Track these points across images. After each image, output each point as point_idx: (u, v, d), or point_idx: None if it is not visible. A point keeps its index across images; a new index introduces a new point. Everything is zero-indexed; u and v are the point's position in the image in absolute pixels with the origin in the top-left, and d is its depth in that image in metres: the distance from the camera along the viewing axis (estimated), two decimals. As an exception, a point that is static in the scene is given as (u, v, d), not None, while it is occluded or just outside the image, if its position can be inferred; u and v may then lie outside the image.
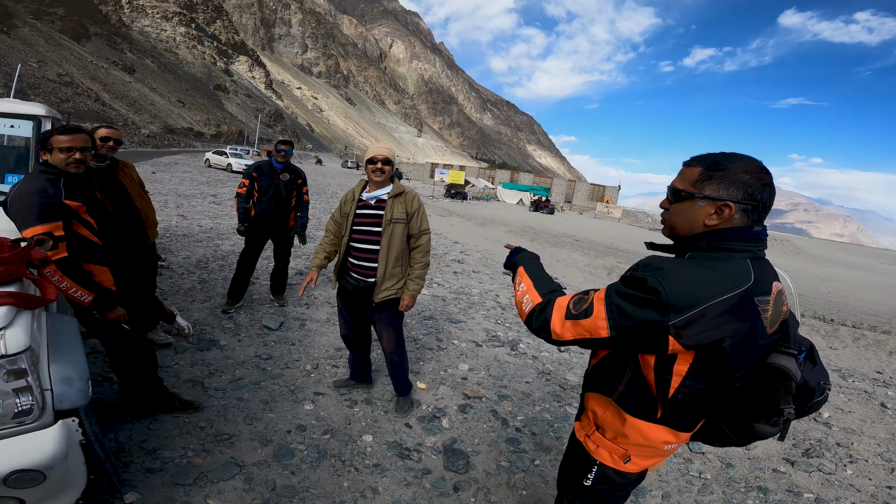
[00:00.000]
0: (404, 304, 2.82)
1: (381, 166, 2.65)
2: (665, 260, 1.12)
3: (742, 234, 1.14)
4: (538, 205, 38.55)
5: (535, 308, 1.25)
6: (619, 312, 1.09)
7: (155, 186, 13.50)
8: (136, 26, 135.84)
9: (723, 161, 1.13)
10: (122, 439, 2.44)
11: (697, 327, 1.04)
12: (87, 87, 64.82)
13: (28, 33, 71.41)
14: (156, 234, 3.51)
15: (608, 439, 1.32)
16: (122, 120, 60.56)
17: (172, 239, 7.09)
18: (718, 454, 3.18)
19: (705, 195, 1.14)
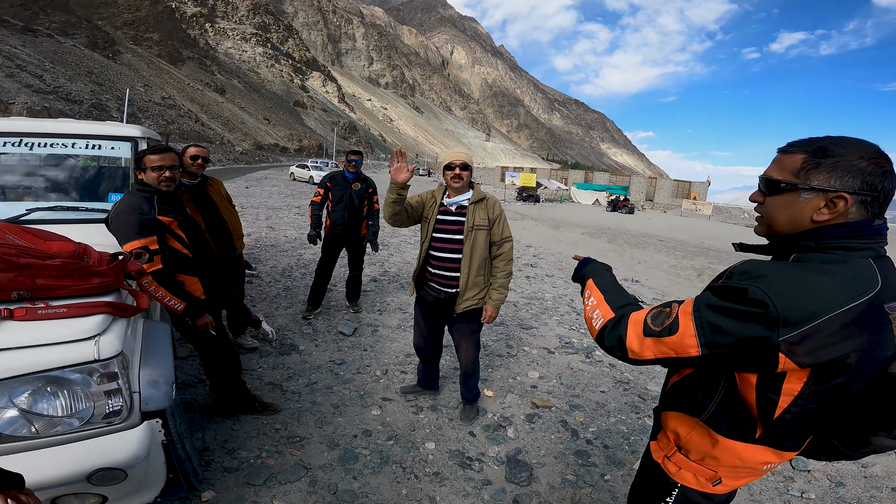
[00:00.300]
0: (487, 316, 2.73)
1: (459, 172, 2.58)
2: (766, 265, 0.97)
3: (861, 230, 0.97)
4: (616, 204, 36.84)
5: (607, 324, 1.13)
6: (713, 329, 0.95)
7: (248, 200, 14.71)
8: (221, 48, 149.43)
9: (831, 146, 0.97)
10: (208, 439, 2.64)
11: (815, 343, 0.89)
12: (188, 108, 72.27)
13: (132, 59, 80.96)
14: (243, 246, 3.76)
15: (693, 461, 1.17)
16: (218, 139, 66.74)
17: (262, 249, 7.65)
18: (827, 472, 2.81)
19: (812, 186, 0.97)
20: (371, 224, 4.79)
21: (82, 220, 2.47)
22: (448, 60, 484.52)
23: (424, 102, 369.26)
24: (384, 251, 8.62)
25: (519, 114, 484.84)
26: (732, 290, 0.95)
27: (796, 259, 1.00)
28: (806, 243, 1.00)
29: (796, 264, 0.97)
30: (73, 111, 42.08)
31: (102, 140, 2.74)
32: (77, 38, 70.41)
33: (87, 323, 1.56)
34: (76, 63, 58.44)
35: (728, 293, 0.96)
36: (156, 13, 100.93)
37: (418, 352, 3.17)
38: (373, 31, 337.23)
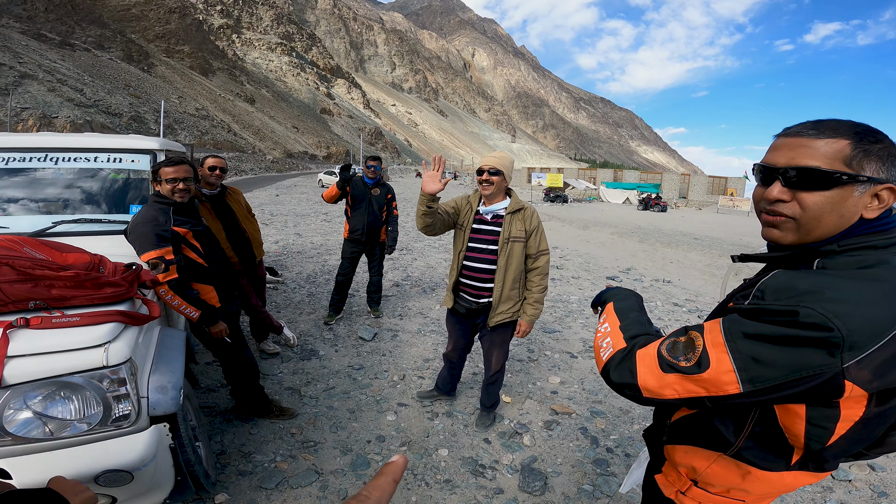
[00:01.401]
0: (522, 331, 2.65)
1: (488, 177, 2.44)
2: (808, 278, 0.81)
3: (887, 224, 0.86)
4: (647, 203, 35.94)
5: (615, 356, 0.97)
6: (756, 361, 0.79)
7: (278, 208, 15.08)
8: (249, 59, 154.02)
9: (872, 130, 0.84)
10: (226, 442, 2.70)
11: (886, 365, 0.75)
12: (221, 119, 74.71)
13: (165, 71, 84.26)
14: (262, 253, 3.84)
15: (716, 494, 1.02)
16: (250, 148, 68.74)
17: (289, 256, 7.81)
18: (870, 482, 2.64)
19: (870, 177, 0.83)
20: (390, 230, 4.81)
21: (104, 232, 2.56)
22: (470, 63, 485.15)
23: (448, 106, 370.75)
24: (408, 255, 8.64)
25: (544, 114, 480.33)
26: (775, 312, 0.79)
27: (824, 267, 0.85)
28: (829, 247, 0.86)
29: (835, 272, 0.82)
30: (114, 124, 44.09)
31: (123, 153, 2.84)
32: (113, 52, 73.61)
33: (98, 331, 1.62)
34: (114, 76, 61.15)
35: (770, 317, 0.79)
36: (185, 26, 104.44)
37: (446, 359, 3.13)
38: (394, 37, 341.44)
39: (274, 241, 9.19)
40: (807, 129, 0.87)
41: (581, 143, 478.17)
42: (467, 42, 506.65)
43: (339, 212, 15.20)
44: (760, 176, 0.94)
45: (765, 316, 0.80)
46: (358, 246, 4.69)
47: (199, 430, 2.25)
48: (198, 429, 2.24)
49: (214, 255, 2.64)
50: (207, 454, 2.25)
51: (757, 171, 0.95)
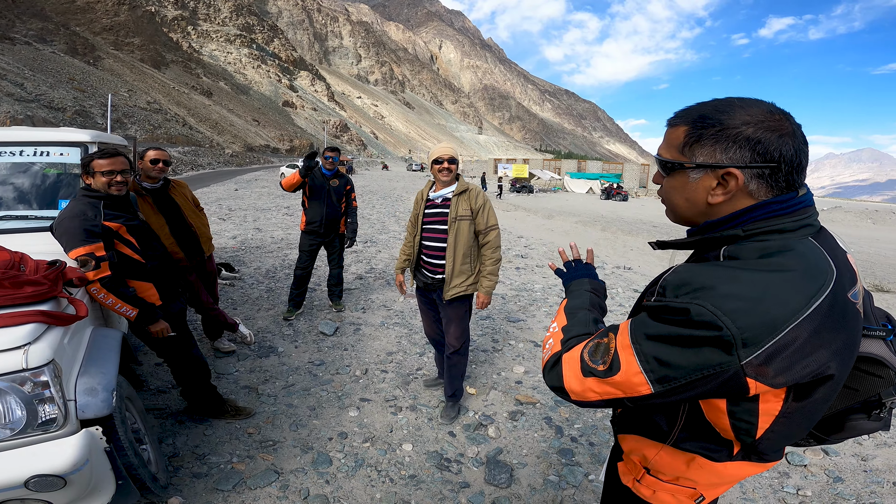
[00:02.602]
0: (480, 302, 2.85)
1: (448, 165, 2.70)
2: (703, 272, 0.79)
3: (790, 206, 0.82)
4: (609, 192, 36.84)
5: (550, 360, 0.97)
6: (660, 363, 0.78)
7: (237, 203, 14.57)
8: (206, 51, 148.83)
9: (713, 113, 0.82)
10: (178, 444, 2.59)
11: (786, 359, 0.73)
12: (175, 112, 71.72)
13: (113, 64, 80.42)
14: (211, 248, 3.68)
15: (667, 482, 1.02)
16: (208, 142, 66.26)
17: (247, 251, 7.53)
18: (825, 466, 2.72)
19: (698, 163, 0.83)
20: (350, 221, 4.73)
21: (29, 229, 2.39)
22: (437, 55, 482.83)
23: (415, 98, 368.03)
24: (372, 247, 8.51)
25: (510, 106, 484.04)
26: (670, 310, 0.78)
27: (730, 255, 0.82)
28: (732, 232, 0.83)
29: (734, 263, 0.80)
30: (58, 119, 41.62)
31: (51, 147, 2.64)
32: (56, 45, 69.82)
33: (17, 332, 1.53)
34: (56, 70, 57.81)
35: (666, 315, 0.79)
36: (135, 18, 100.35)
37: (431, 340, 3.27)
38: (359, 29, 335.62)
39: (231, 236, 8.85)
40: (673, 117, 0.90)
41: (546, 134, 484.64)
42: (435, 34, 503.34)
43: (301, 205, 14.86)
44: None
45: (664, 314, 0.79)
46: (316, 238, 4.57)
47: (146, 433, 2.16)
48: (143, 431, 2.15)
49: (154, 250, 2.49)
50: (156, 457, 2.16)
51: None
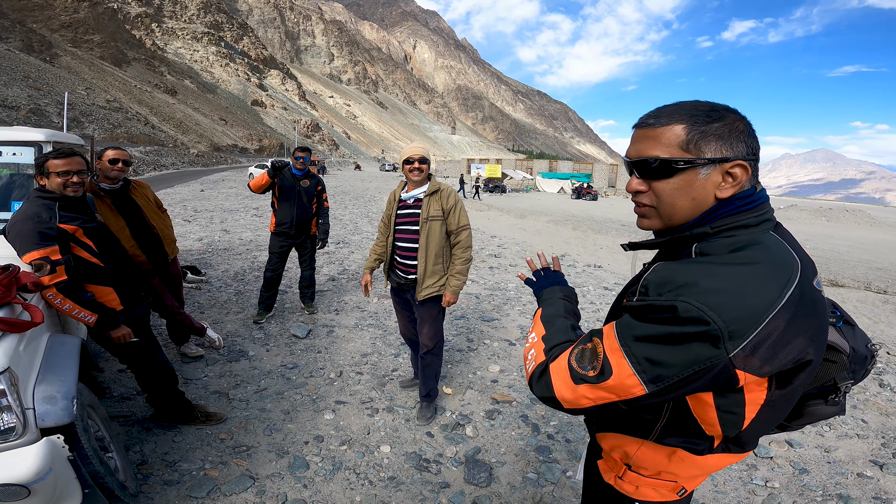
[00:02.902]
0: (446, 301, 2.83)
1: (419, 165, 2.70)
2: (683, 269, 0.81)
3: (753, 201, 0.87)
4: (580, 192, 37.50)
5: (536, 370, 0.97)
6: (651, 363, 0.79)
7: (203, 204, 14.12)
8: (170, 49, 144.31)
9: (709, 111, 0.86)
10: (147, 451, 2.50)
11: (770, 349, 0.76)
12: (136, 111, 69.12)
13: (71, 61, 77.06)
14: (175, 251, 3.56)
15: (648, 476, 1.03)
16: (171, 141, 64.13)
17: (214, 253, 7.31)
18: (790, 458, 2.80)
19: (709, 158, 0.84)
20: (321, 222, 4.66)
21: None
22: (411, 55, 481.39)
23: (388, 98, 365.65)
24: (344, 248, 8.40)
25: (483, 106, 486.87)
26: (656, 309, 0.79)
27: (701, 251, 0.86)
28: (701, 229, 0.87)
29: (708, 259, 0.83)
30: (11, 117, 39.55)
31: (3, 146, 2.52)
32: (10, 42, 66.68)
33: None
34: (11, 68, 54.96)
35: (653, 315, 0.80)
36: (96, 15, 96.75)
37: (406, 340, 3.26)
38: (332, 28, 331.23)
39: (197, 238, 8.57)
40: (650, 119, 0.89)
41: (519, 134, 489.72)
42: (409, 34, 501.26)
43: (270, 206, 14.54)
44: (627, 168, 0.96)
45: (650, 314, 0.80)
46: (286, 239, 4.48)
47: (111, 441, 2.10)
48: (108, 439, 2.08)
49: (113, 253, 2.39)
50: (124, 465, 2.10)
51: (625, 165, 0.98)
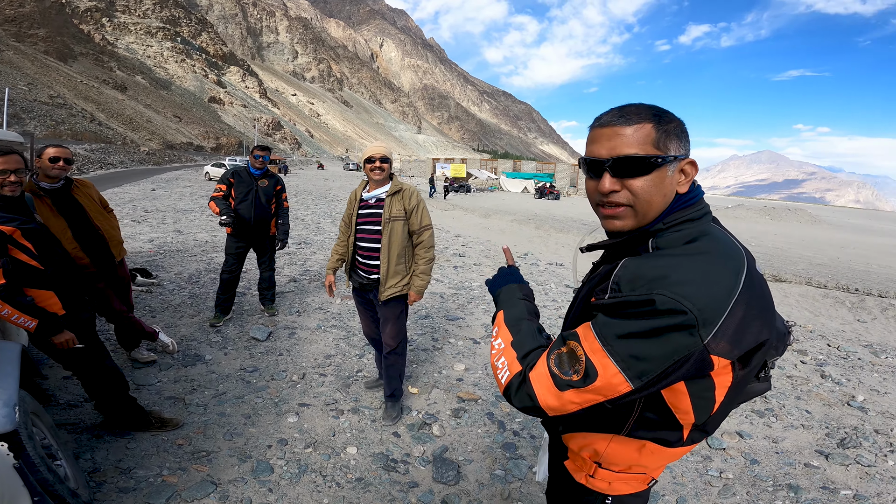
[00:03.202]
0: (411, 300, 2.85)
1: (380, 164, 2.68)
2: (650, 263, 0.84)
3: (694, 196, 0.93)
4: (543, 191, 38.19)
5: (513, 381, 0.94)
6: (635, 359, 0.81)
7: (154, 204, 13.48)
8: (122, 44, 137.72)
9: (663, 111, 0.91)
10: (99, 459, 2.40)
11: (736, 332, 0.80)
12: (81, 107, 65.41)
13: (13, 56, 72.19)
14: (123, 252, 3.38)
15: (619, 472, 1.05)
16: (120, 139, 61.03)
17: (166, 255, 6.98)
18: (742, 449, 2.90)
19: (675, 156, 0.89)
20: (281, 223, 4.55)
21: None
22: (377, 54, 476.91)
23: (353, 96, 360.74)
24: (306, 249, 8.22)
25: (449, 106, 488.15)
26: (635, 304, 0.81)
27: (657, 246, 0.89)
28: (657, 226, 0.90)
29: (669, 252, 0.86)
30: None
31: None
32: (-52, 38, 61.30)
33: None
34: (-52, 63, 50.71)
35: (631, 310, 0.81)
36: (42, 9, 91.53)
37: (370, 341, 3.24)
38: (297, 24, 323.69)
39: (148, 239, 8.16)
40: (616, 117, 0.91)
41: (484, 134, 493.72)
42: (376, 32, 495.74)
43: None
44: (587, 168, 0.95)
45: (627, 309, 0.82)
46: (244, 240, 4.35)
47: (59, 448, 2.02)
48: (55, 447, 2.00)
49: (55, 256, 2.25)
50: (74, 472, 2.02)
51: (583, 165, 0.97)
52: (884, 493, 2.57)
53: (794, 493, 2.52)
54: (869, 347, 5.17)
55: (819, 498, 2.50)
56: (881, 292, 8.10)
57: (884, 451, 2.99)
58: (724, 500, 2.44)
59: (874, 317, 6.95)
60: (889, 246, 20.52)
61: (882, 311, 7.09)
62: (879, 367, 4.48)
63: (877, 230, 35.05)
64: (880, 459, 2.89)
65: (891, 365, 4.59)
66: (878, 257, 14.74)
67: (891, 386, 4.04)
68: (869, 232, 31.30)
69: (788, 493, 2.52)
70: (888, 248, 19.06)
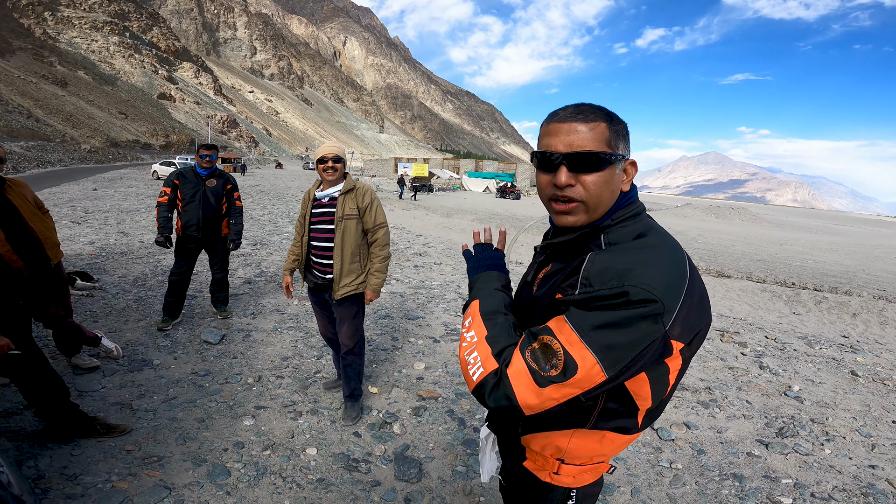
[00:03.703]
0: (368, 299, 2.84)
1: (332, 164, 2.65)
2: (615, 258, 0.88)
3: (632, 196, 1.00)
4: (504, 191, 38.71)
5: (487, 379, 0.91)
6: (610, 348, 0.84)
7: (95, 204, 12.74)
8: (64, 38, 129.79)
9: (613, 114, 0.97)
10: (43, 466, 2.30)
11: (688, 318, 0.87)
12: (18, 103, 61.19)
13: (-58, 50, 66.71)
14: (60, 255, 3.18)
15: (582, 465, 1.09)
16: (59, 136, 57.37)
17: (109, 258, 6.61)
18: (689, 440, 3.01)
19: (622, 154, 0.94)
20: (233, 223, 4.41)
21: None
22: (340, 52, 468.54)
23: (314, 94, 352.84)
24: (262, 250, 8.00)
25: (413, 105, 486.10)
26: (608, 297, 0.83)
27: (610, 241, 0.94)
28: (606, 222, 0.96)
29: (625, 247, 0.91)
30: None
31: None
32: None
33: None
34: None
35: (605, 303, 0.84)
36: None
37: (327, 341, 3.20)
38: (257, 20, 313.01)
39: (88, 241, 7.68)
40: (573, 114, 0.94)
41: (447, 134, 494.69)
42: (340, 30, 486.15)
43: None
44: (540, 163, 0.97)
45: (602, 302, 0.84)
46: (194, 242, 4.19)
47: (0, 455, 1.93)
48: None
49: None
50: (17, 479, 1.93)
51: (536, 159, 0.98)
52: (822, 482, 2.68)
53: (739, 483, 2.60)
54: (804, 339, 5.51)
55: (762, 486, 2.59)
56: (816, 286, 8.70)
57: (820, 439, 3.13)
58: (675, 490, 2.53)
59: (809, 309, 7.47)
60: (823, 242, 22.10)
61: (816, 304, 7.62)
62: (814, 358, 4.75)
63: (812, 227, 37.65)
64: (817, 448, 3.02)
65: (824, 355, 4.87)
66: (813, 253, 15.84)
67: (825, 376, 4.28)
68: (805, 230, 33.59)
69: (734, 483, 2.60)
70: (822, 245, 20.54)
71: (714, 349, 4.74)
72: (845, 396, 3.87)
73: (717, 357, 4.52)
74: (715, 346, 4.84)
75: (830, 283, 9.09)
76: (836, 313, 7.25)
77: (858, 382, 4.19)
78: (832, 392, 3.94)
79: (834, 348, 5.22)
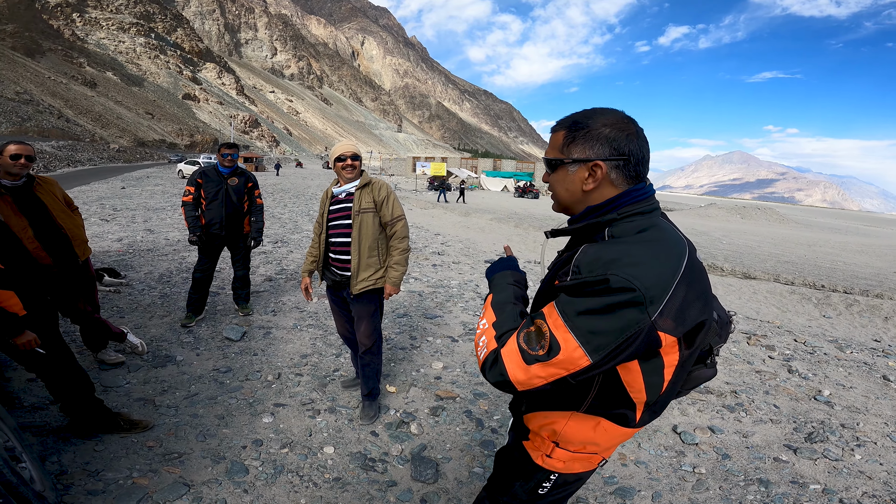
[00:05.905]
0: (387, 293, 2.81)
1: (351, 162, 2.67)
2: (606, 248, 0.94)
3: (645, 192, 1.04)
4: (523, 190, 38.48)
5: (489, 357, 1.02)
6: (592, 333, 0.89)
7: (123, 202, 13.10)
8: (92, 39, 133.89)
9: (582, 119, 1.04)
10: (66, 462, 2.34)
11: (681, 311, 0.92)
12: (49, 103, 63.36)
13: (-22, 53, 69.56)
14: (88, 252, 3.26)
15: (574, 451, 1.14)
16: (88, 136, 59.17)
17: (136, 255, 6.78)
18: (713, 444, 2.93)
19: (574, 158, 1.04)
20: (254, 220, 4.47)
21: None
22: (359, 51, 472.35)
23: (333, 94, 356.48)
24: (283, 248, 8.10)
25: (430, 105, 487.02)
26: (591, 284, 0.90)
27: (612, 234, 1.00)
28: (610, 216, 1.01)
29: (623, 240, 0.97)
30: None
31: None
32: None
33: None
34: None
35: (589, 290, 0.90)
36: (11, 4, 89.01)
37: (345, 340, 3.17)
38: (277, 21, 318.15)
39: (116, 238, 7.90)
40: (554, 126, 1.09)
41: (464, 133, 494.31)
42: (358, 30, 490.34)
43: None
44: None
45: (586, 288, 0.91)
46: (217, 240, 4.26)
47: (23, 451, 1.96)
48: (19, 449, 1.95)
49: (15, 255, 2.16)
50: (40, 475, 1.96)
51: None
52: (852, 488, 2.60)
53: (765, 488, 2.53)
54: (834, 342, 5.33)
55: (789, 492, 2.52)
56: (846, 289, 8.40)
57: (850, 445, 3.03)
58: (698, 495, 2.46)
59: (839, 312, 7.21)
60: (853, 244, 21.34)
61: (847, 307, 7.35)
62: (844, 362, 4.59)
63: (842, 228, 36.43)
64: (847, 453, 2.93)
65: (855, 359, 4.72)
66: (843, 255, 15.30)
67: (856, 380, 4.14)
68: (835, 230, 32.52)
69: (759, 488, 2.53)
70: (853, 246, 19.82)
71: (740, 352, 4.61)
72: (877, 401, 3.73)
73: (743, 360, 4.39)
74: (741, 349, 4.70)
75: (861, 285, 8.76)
76: (868, 316, 6.98)
77: (890, 387, 4.04)
78: (863, 397, 3.80)
79: (865, 352, 5.04)
